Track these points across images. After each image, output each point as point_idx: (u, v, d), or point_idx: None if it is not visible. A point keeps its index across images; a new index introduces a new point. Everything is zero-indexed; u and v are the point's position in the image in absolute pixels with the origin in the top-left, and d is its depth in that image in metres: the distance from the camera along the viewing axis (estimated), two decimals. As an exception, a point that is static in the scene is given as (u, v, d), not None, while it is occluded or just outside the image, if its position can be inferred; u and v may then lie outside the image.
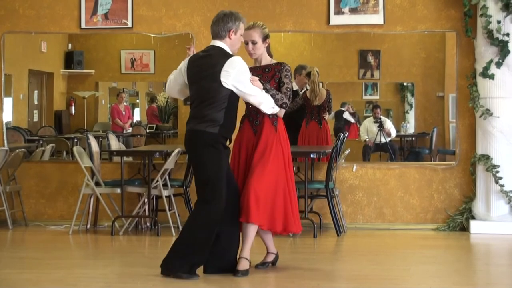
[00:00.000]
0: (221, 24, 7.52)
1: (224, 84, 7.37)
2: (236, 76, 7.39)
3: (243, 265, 7.61)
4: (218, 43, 7.54)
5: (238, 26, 7.53)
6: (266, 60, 7.86)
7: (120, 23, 11.14)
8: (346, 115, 14.05)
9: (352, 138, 11.22)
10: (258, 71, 7.77)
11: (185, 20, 11.12)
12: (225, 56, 7.47)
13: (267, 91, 7.56)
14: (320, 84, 11.86)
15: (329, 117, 12.12)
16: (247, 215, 7.49)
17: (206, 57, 7.53)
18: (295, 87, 11.92)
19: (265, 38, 7.80)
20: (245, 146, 7.78)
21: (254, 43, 7.76)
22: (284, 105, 7.65)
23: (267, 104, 7.56)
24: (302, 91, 11.99)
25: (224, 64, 7.39)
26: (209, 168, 7.44)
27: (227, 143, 7.59)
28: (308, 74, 11.75)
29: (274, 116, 7.74)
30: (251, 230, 7.62)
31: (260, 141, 7.69)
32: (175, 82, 7.79)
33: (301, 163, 10.88)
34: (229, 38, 7.53)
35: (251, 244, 7.68)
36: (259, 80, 7.58)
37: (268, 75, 7.75)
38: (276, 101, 7.59)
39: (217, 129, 7.41)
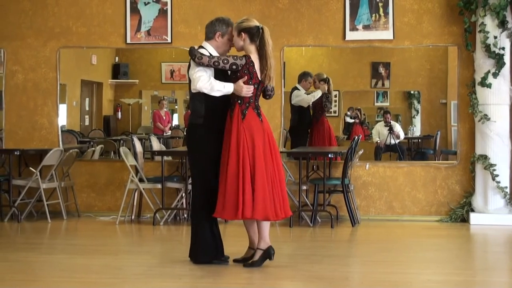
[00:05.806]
0: (210, 26, 7.15)
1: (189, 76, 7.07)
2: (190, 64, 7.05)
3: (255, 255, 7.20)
4: (204, 43, 7.18)
5: (226, 30, 7.10)
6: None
7: (160, 39, 11.16)
8: (347, 118, 13.95)
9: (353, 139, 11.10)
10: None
11: (217, 35, 11.08)
12: None
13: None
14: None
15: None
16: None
17: None
18: (303, 91, 11.70)
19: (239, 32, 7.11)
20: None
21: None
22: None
23: (206, 86, 6.88)
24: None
25: None
26: (192, 153, 7.19)
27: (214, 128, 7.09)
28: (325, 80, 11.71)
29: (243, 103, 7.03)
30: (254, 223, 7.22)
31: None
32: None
33: (320, 162, 10.83)
34: (215, 40, 7.12)
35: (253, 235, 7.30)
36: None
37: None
38: (221, 62, 6.87)
39: (194, 118, 7.11)
